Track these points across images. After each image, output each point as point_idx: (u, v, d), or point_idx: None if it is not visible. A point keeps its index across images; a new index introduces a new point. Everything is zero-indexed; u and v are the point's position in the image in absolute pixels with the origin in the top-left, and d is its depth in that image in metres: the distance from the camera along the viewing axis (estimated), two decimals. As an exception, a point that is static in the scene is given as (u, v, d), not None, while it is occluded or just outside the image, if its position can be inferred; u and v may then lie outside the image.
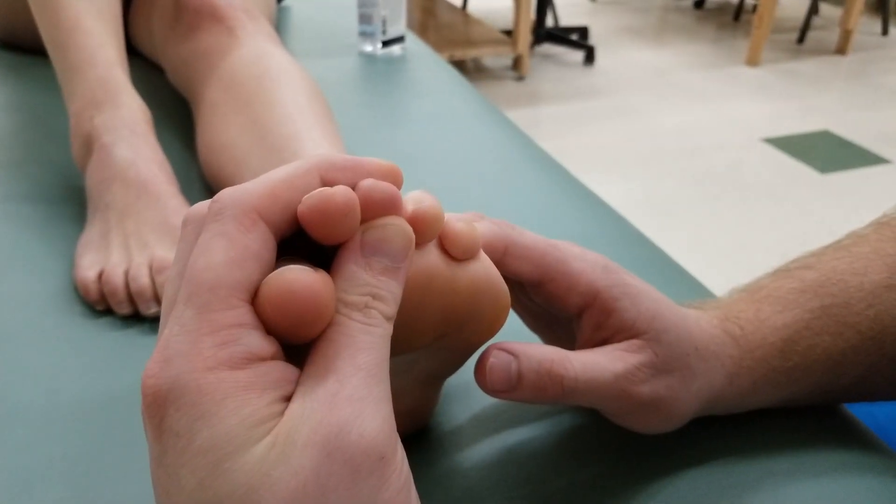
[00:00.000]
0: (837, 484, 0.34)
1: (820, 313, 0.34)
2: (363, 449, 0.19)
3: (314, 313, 0.21)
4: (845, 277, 0.35)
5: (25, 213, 0.55)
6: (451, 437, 0.36)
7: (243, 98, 0.55)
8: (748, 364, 0.34)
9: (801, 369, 0.34)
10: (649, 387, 0.31)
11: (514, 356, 0.29)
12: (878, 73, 3.10)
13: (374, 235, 0.22)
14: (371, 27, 0.90)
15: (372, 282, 0.22)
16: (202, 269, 0.20)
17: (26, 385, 0.40)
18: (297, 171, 0.23)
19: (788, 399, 0.36)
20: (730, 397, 0.34)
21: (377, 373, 0.21)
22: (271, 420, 0.19)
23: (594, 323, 0.31)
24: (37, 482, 0.34)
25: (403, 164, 0.65)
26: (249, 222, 0.21)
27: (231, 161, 0.53)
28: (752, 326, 0.34)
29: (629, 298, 0.31)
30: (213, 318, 0.20)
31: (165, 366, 0.20)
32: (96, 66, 0.55)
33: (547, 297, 0.32)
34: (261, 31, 0.64)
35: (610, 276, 0.31)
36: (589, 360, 0.30)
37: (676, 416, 0.33)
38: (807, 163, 2.30)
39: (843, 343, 0.34)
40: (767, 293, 0.36)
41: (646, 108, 2.71)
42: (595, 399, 0.30)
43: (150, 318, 0.45)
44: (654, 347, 0.31)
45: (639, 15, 3.89)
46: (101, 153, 0.52)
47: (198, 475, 0.19)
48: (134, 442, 0.36)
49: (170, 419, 0.19)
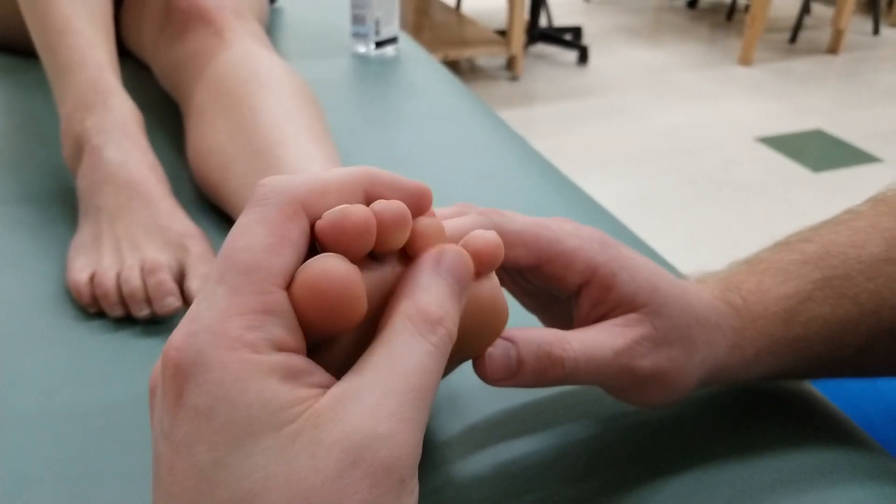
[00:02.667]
0: (830, 485, 0.34)
1: (821, 284, 0.34)
2: (388, 467, 0.19)
3: (347, 300, 0.21)
4: (845, 250, 0.35)
5: (18, 215, 0.55)
6: (442, 447, 0.36)
7: (230, 102, 0.55)
8: (750, 334, 0.33)
9: (803, 340, 0.34)
10: (651, 360, 0.30)
11: (512, 342, 0.28)
12: (870, 72, 3.11)
13: (449, 257, 0.23)
14: (364, 28, 0.90)
15: (446, 301, 0.22)
16: (240, 250, 0.21)
17: (19, 388, 0.40)
18: (346, 176, 0.23)
19: (789, 370, 0.35)
20: (732, 368, 0.34)
21: (426, 397, 0.21)
22: (294, 406, 0.19)
23: (593, 299, 0.31)
24: (31, 485, 0.34)
25: (396, 165, 0.65)
26: (292, 212, 0.22)
27: (218, 166, 0.53)
28: (754, 297, 0.34)
29: (628, 272, 0.31)
30: (244, 299, 0.20)
31: (190, 338, 0.20)
32: (86, 68, 0.55)
33: (544, 279, 0.31)
34: (249, 32, 0.63)
35: (607, 251, 0.31)
36: (588, 338, 0.29)
37: (680, 388, 0.32)
38: (800, 162, 2.31)
39: (843, 315, 0.34)
40: (768, 265, 0.35)
41: (639, 107, 2.72)
42: (597, 377, 0.30)
43: (142, 321, 0.45)
44: (654, 320, 0.30)
45: (632, 15, 3.89)
46: (91, 155, 0.51)
47: (216, 453, 0.19)
48: (129, 444, 0.36)
49: (189, 394, 0.19)
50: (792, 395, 0.39)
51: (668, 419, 0.38)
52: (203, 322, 0.20)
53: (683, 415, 0.38)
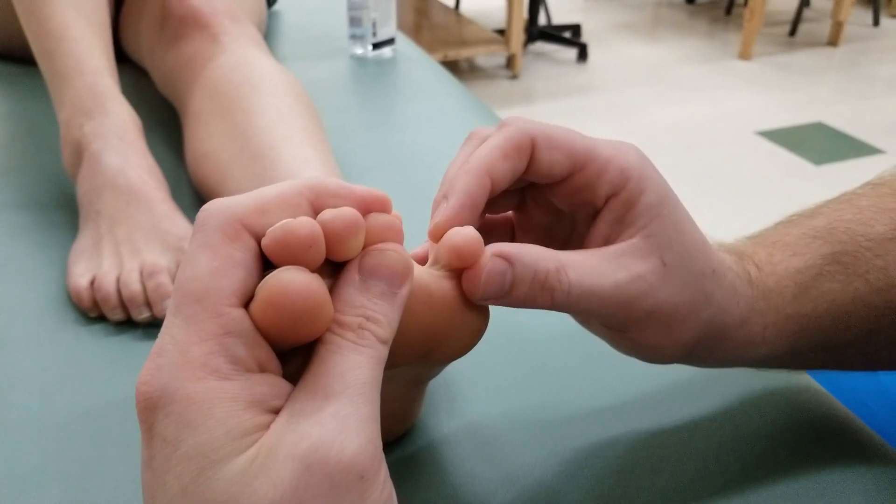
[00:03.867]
0: (833, 479, 0.34)
1: (831, 259, 0.33)
2: (343, 466, 0.19)
3: (309, 312, 0.21)
4: (851, 227, 0.34)
5: (19, 221, 0.56)
6: (436, 439, 0.37)
7: (225, 106, 0.56)
8: (760, 308, 0.32)
9: (812, 318, 0.33)
10: (652, 299, 0.28)
11: (509, 263, 0.26)
12: (871, 64, 3.10)
13: (372, 259, 0.23)
14: (361, 30, 0.90)
15: (367, 304, 0.22)
16: (188, 280, 0.21)
17: (21, 392, 0.40)
18: (288, 190, 0.23)
19: (793, 354, 0.34)
20: (738, 341, 0.32)
21: (365, 392, 0.21)
22: (256, 432, 0.20)
23: (614, 214, 0.29)
24: (31, 488, 0.35)
25: (394, 166, 0.66)
26: (233, 232, 0.22)
27: (215, 170, 0.53)
28: (768, 269, 0.33)
29: (655, 194, 0.28)
30: (200, 327, 0.20)
31: (157, 373, 0.20)
32: (84, 74, 0.55)
33: (572, 191, 0.29)
34: (245, 36, 0.64)
35: (643, 165, 0.29)
36: (588, 267, 0.27)
37: (676, 339, 0.30)
38: (801, 155, 2.30)
39: (853, 292, 0.33)
40: (776, 239, 0.34)
41: (639, 103, 2.71)
42: (590, 310, 0.28)
43: (142, 324, 0.46)
44: (665, 254, 0.28)
45: (631, 11, 3.89)
46: (90, 161, 0.52)
47: (181, 481, 0.19)
48: (128, 447, 0.36)
49: (159, 425, 0.20)
50: (794, 390, 0.40)
51: (667, 413, 0.38)
52: (167, 356, 0.20)
53: (682, 407, 0.38)
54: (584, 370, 0.41)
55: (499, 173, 0.28)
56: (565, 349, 0.42)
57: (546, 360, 0.42)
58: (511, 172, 0.29)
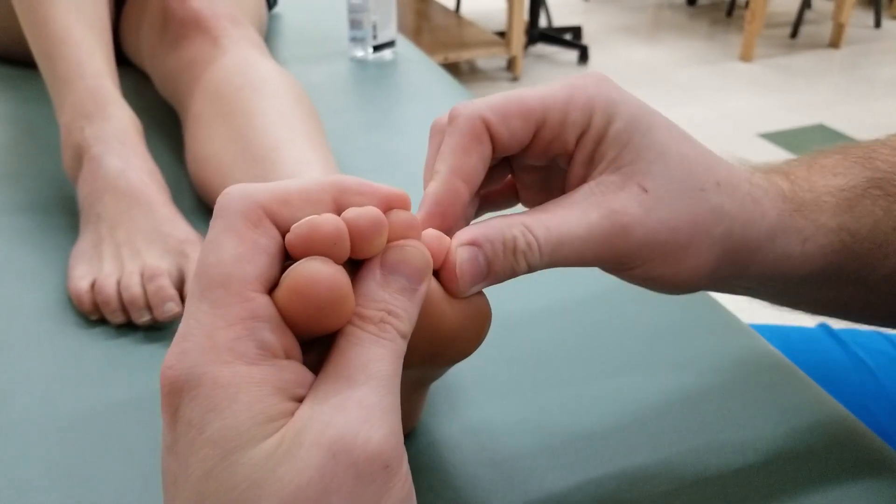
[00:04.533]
0: (834, 482, 0.34)
1: (873, 184, 0.31)
2: (368, 454, 0.19)
3: (334, 302, 0.21)
4: (890, 158, 0.32)
5: (19, 224, 0.56)
6: (437, 443, 0.37)
7: (226, 109, 0.56)
8: (797, 221, 0.29)
9: (855, 236, 0.30)
10: (641, 230, 0.26)
11: (477, 246, 0.26)
12: (872, 66, 3.10)
13: (394, 255, 0.23)
14: (361, 32, 0.90)
15: (388, 298, 0.22)
16: (212, 265, 0.21)
17: (22, 395, 0.40)
18: (312, 185, 0.23)
19: (834, 276, 0.31)
20: (771, 259, 0.29)
21: (388, 384, 0.21)
22: (281, 418, 0.20)
23: (585, 154, 0.27)
24: (33, 492, 0.34)
25: (394, 168, 0.66)
26: (256, 218, 0.22)
27: (216, 173, 0.53)
28: (806, 184, 0.30)
29: (625, 120, 0.27)
30: (227, 311, 0.20)
31: (183, 357, 0.20)
32: (85, 78, 0.55)
33: (544, 148, 0.28)
34: (246, 39, 0.64)
35: (606, 92, 0.27)
36: (555, 220, 0.26)
37: (690, 266, 0.28)
38: (802, 157, 2.31)
39: (893, 221, 0.31)
40: (812, 162, 0.32)
41: (640, 105, 2.71)
42: (575, 260, 0.27)
43: (143, 327, 0.46)
44: (644, 180, 0.27)
45: (632, 13, 3.89)
46: (91, 164, 0.52)
47: (205, 465, 0.19)
48: (130, 450, 0.36)
49: (184, 409, 0.20)
50: (795, 393, 0.40)
51: (671, 418, 0.38)
52: (193, 339, 0.20)
53: (685, 412, 0.38)
54: (586, 373, 0.41)
55: (468, 169, 0.27)
56: (567, 351, 0.42)
57: (548, 362, 0.42)
58: (481, 162, 0.28)
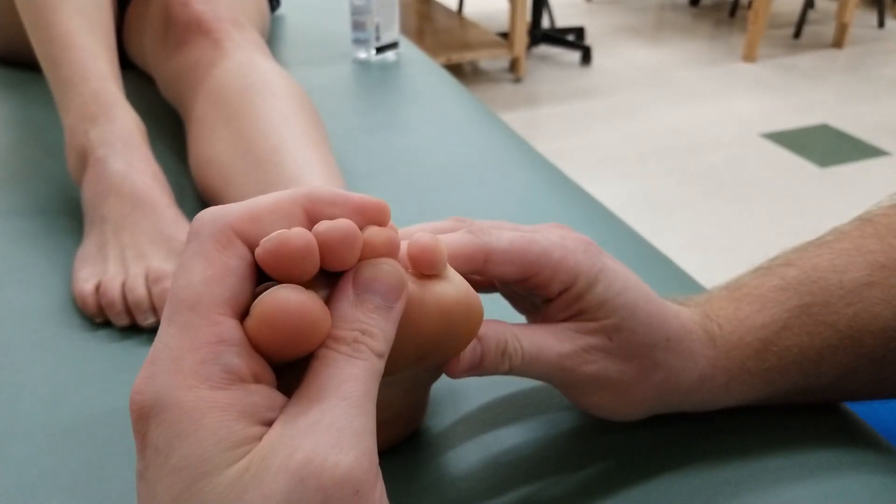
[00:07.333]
0: (839, 482, 0.34)
1: (799, 312, 0.34)
2: (337, 480, 0.19)
3: (305, 331, 0.21)
4: (825, 275, 0.35)
5: (24, 227, 0.56)
6: (441, 442, 0.37)
7: (228, 111, 0.56)
8: (723, 365, 0.34)
9: (777, 371, 0.34)
10: (596, 367, 0.32)
11: (478, 340, 0.30)
12: (875, 66, 3.10)
13: (367, 273, 0.23)
14: (364, 34, 0.90)
15: (362, 318, 0.22)
16: (182, 288, 0.21)
17: (27, 397, 0.40)
18: (281, 199, 0.23)
19: (763, 399, 0.36)
20: (700, 396, 0.34)
21: (361, 405, 0.21)
22: (248, 444, 0.19)
23: (564, 303, 0.32)
24: (37, 495, 0.35)
25: (397, 170, 0.66)
26: (226, 240, 0.21)
27: (218, 175, 0.54)
28: (731, 326, 0.34)
29: (604, 284, 0.31)
30: (194, 335, 0.20)
31: (150, 381, 0.20)
32: (89, 80, 0.55)
33: (529, 288, 0.32)
34: (248, 41, 0.64)
35: (591, 260, 0.32)
36: (538, 339, 0.31)
37: (631, 401, 0.33)
38: (806, 157, 2.30)
39: (821, 343, 0.34)
40: (747, 291, 0.36)
41: (644, 106, 2.71)
42: (541, 375, 0.32)
43: (147, 329, 0.46)
44: (613, 333, 0.31)
45: (635, 14, 3.89)
46: (95, 167, 0.52)
47: (172, 492, 0.19)
48: (133, 453, 0.36)
49: (151, 434, 0.20)
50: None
51: (674, 423, 0.38)
52: (160, 364, 0.20)
53: (688, 417, 0.38)
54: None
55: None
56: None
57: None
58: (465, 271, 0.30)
